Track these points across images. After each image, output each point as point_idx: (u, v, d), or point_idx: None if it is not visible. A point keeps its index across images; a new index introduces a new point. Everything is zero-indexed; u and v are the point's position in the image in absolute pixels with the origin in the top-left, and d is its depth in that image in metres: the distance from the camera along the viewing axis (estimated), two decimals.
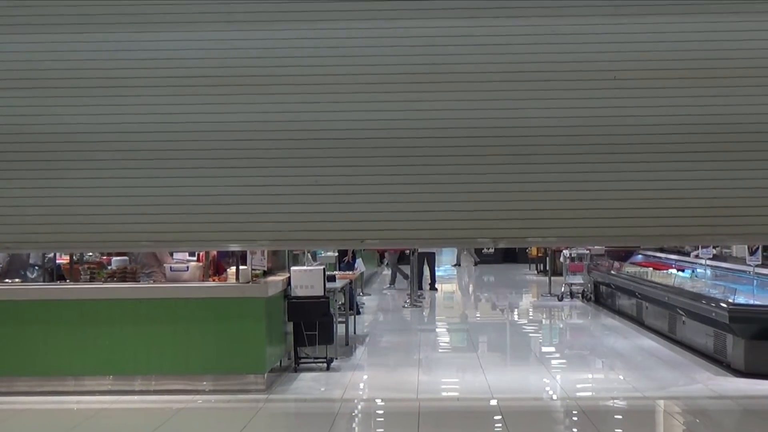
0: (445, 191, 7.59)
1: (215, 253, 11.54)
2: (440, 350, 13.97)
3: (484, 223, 7.66)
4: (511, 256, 32.77)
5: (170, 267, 10.87)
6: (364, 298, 20.27)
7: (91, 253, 12.24)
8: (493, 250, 32.93)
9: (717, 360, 11.56)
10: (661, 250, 17.11)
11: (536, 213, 7.54)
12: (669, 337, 13.52)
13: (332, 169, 7.65)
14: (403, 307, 19.36)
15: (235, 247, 9.83)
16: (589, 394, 10.56)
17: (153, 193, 7.75)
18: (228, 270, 10.82)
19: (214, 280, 10.82)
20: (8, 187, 7.80)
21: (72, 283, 10.94)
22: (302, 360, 11.51)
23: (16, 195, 7.82)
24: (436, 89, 7.59)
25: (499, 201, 7.60)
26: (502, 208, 7.59)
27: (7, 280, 11.09)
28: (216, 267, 11.43)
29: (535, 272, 28.02)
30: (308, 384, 10.75)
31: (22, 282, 11.18)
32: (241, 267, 10.42)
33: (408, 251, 20.70)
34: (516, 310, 19.74)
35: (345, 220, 7.72)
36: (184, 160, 7.75)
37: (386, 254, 24.39)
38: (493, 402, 9.64)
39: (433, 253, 23.09)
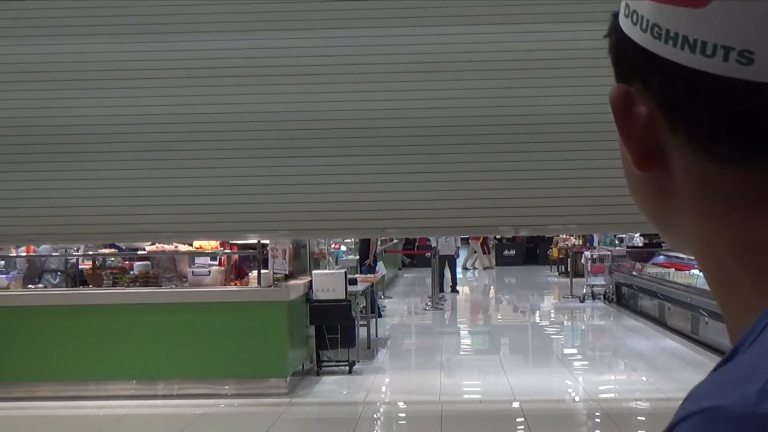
0: (466, 179, 7.61)
1: (237, 257, 11.57)
2: (462, 352, 13.96)
3: (505, 210, 7.68)
4: (532, 257, 32.66)
5: (192, 272, 10.90)
6: (386, 301, 20.27)
7: (113, 258, 12.31)
8: (514, 252, 32.87)
9: None
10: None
11: (556, 201, 7.55)
12: (692, 337, 13.45)
13: (352, 158, 7.68)
14: (425, 309, 19.36)
15: (255, 237, 9.87)
16: (611, 395, 10.53)
17: (173, 184, 7.82)
18: (249, 274, 10.83)
19: (235, 284, 10.84)
20: (30, 180, 7.88)
21: (95, 288, 10.99)
22: (324, 363, 11.51)
23: (38, 188, 7.89)
24: (455, 78, 7.64)
25: (519, 189, 7.62)
26: (522, 196, 7.60)
27: (30, 286, 11.16)
28: (237, 271, 11.45)
29: (557, 274, 27.93)
30: (330, 387, 10.76)
31: (42, 287, 11.25)
32: (262, 271, 10.43)
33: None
34: (537, 311, 19.70)
35: (365, 209, 7.75)
36: (205, 151, 7.81)
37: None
38: (516, 404, 9.62)
39: (454, 256, 23.07)
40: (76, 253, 12.13)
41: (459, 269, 28.09)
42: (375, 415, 9.56)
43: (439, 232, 12.47)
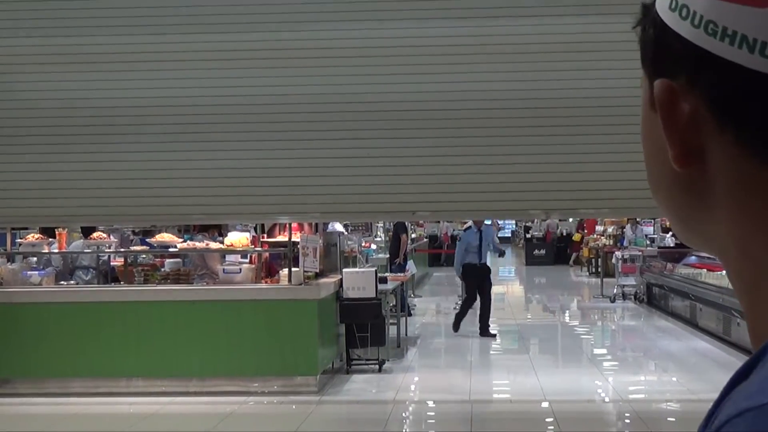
0: (497, 162, 7.62)
1: (267, 255, 11.59)
2: (492, 352, 13.92)
3: (537, 194, 7.67)
4: (562, 257, 32.54)
5: (223, 269, 10.93)
6: (415, 300, 20.23)
7: (144, 255, 12.37)
8: (544, 252, 32.78)
9: None
10: None
11: (588, 184, 7.54)
12: (724, 339, 13.36)
13: (383, 141, 7.71)
14: (454, 309, 19.31)
15: (285, 219, 9.92)
16: (642, 396, 10.48)
17: (205, 166, 7.86)
18: (280, 272, 10.85)
19: (266, 282, 10.85)
20: (65, 161, 7.94)
21: (126, 285, 11.04)
22: (354, 361, 11.51)
23: (73, 169, 7.96)
24: (490, 61, 7.64)
25: (551, 172, 7.61)
26: (554, 179, 7.59)
27: (62, 283, 11.22)
28: (268, 269, 11.48)
29: (587, 274, 27.84)
30: (360, 386, 10.76)
31: (74, 284, 11.32)
32: (293, 269, 10.43)
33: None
34: (568, 311, 19.63)
35: (396, 192, 7.76)
36: (237, 133, 7.85)
37: None
38: (546, 404, 9.58)
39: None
40: (108, 250, 12.20)
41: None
42: (404, 414, 9.56)
43: (470, 215, 12.40)
